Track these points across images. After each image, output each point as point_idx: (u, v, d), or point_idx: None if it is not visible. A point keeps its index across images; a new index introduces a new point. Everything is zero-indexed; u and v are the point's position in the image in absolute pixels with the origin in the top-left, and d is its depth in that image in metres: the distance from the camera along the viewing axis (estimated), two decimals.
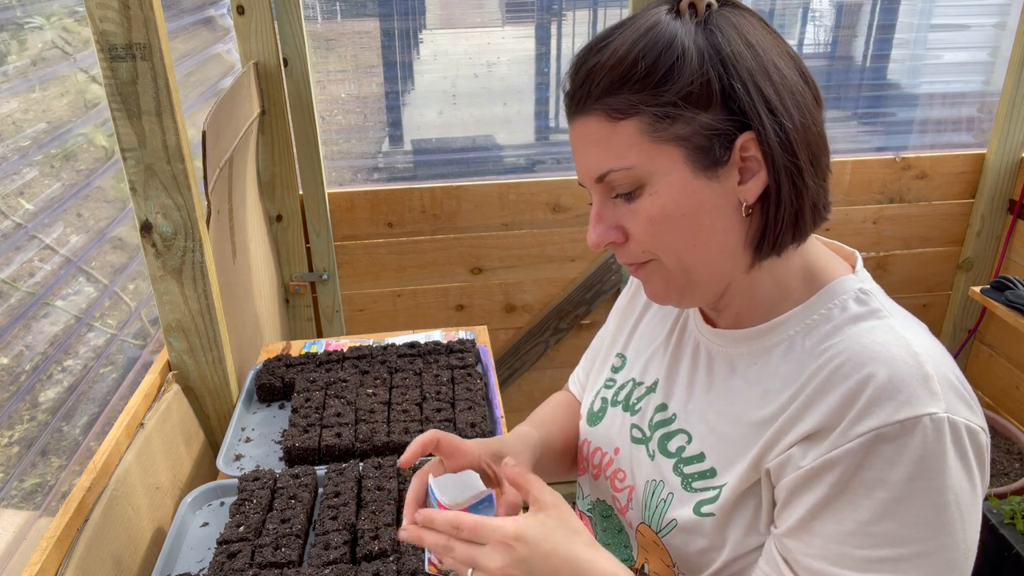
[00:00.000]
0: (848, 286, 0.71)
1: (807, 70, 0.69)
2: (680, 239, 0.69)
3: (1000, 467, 2.17)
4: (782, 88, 0.66)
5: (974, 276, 2.53)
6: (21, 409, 1.08)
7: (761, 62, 0.65)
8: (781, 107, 0.65)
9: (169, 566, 1.10)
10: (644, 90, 0.65)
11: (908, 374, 0.63)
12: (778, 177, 0.66)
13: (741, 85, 0.64)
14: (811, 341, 0.70)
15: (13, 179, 1.13)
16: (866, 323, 0.68)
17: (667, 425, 0.80)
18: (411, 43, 2.27)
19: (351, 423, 1.35)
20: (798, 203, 0.67)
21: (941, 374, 0.64)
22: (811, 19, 2.45)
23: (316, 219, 2.21)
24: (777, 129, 0.65)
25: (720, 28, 0.65)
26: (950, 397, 0.63)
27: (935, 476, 0.61)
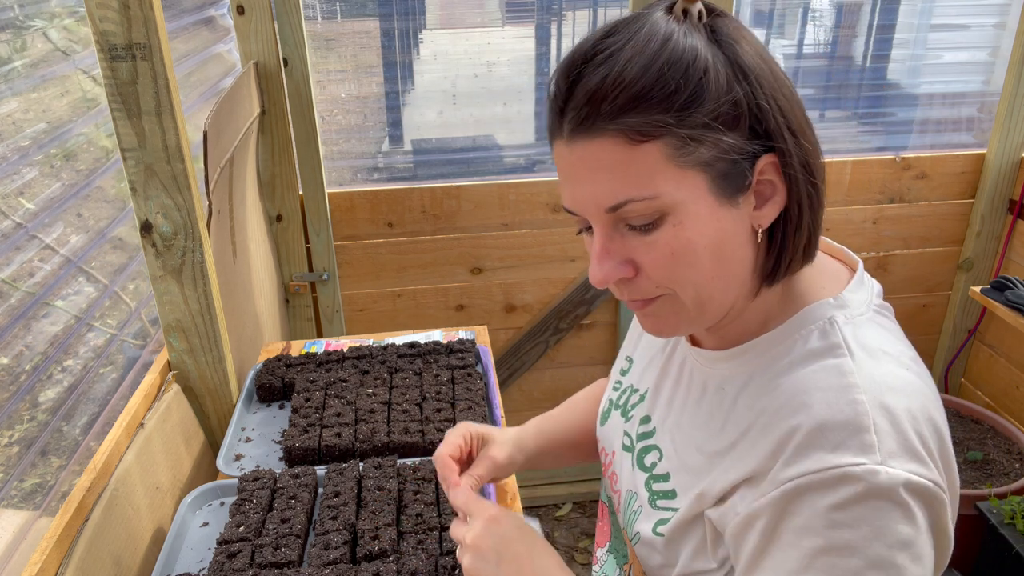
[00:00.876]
0: (820, 314, 0.66)
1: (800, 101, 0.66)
2: (701, 272, 0.63)
3: (1000, 467, 2.18)
4: (796, 105, 0.63)
5: (974, 276, 2.53)
6: (21, 409, 1.08)
7: (780, 77, 0.62)
8: (799, 126, 0.62)
9: (169, 566, 1.10)
10: (671, 110, 0.58)
11: (839, 423, 0.58)
12: (800, 201, 0.63)
13: (768, 103, 0.60)
14: (768, 376, 0.66)
15: (13, 179, 1.13)
16: (817, 363, 0.63)
17: (647, 438, 0.79)
18: (411, 43, 2.27)
19: (351, 423, 1.35)
20: (814, 225, 0.65)
21: (885, 423, 0.58)
22: (811, 19, 2.45)
23: (316, 219, 2.21)
24: (798, 151, 0.61)
25: (733, 39, 0.60)
26: (890, 447, 0.57)
27: (864, 530, 0.56)
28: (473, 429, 0.90)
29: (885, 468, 0.56)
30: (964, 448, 2.27)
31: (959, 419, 2.40)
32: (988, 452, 2.24)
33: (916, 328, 2.66)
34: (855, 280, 0.70)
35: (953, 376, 2.68)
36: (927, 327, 2.66)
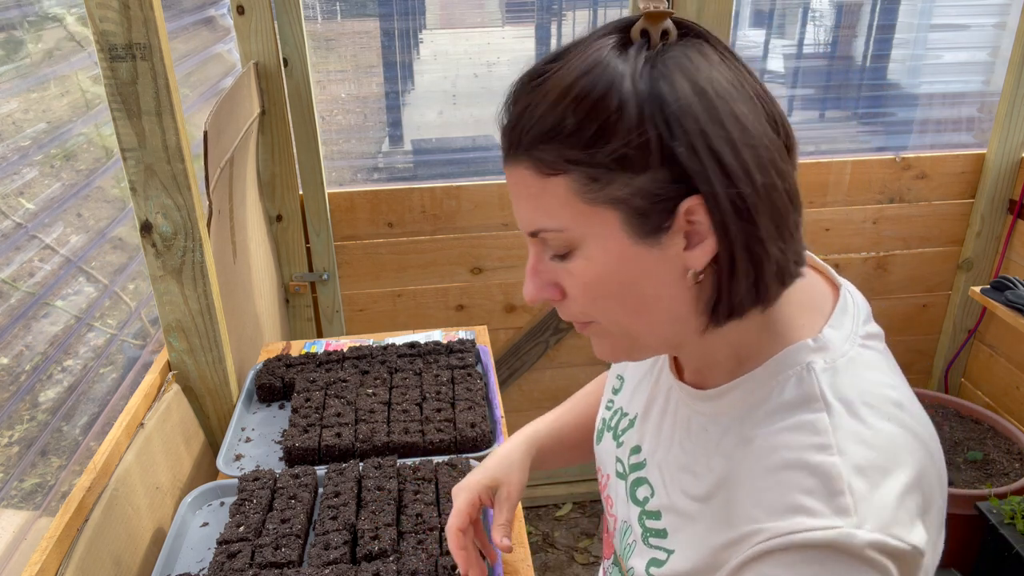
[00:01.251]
0: (798, 358, 0.62)
1: (779, 112, 0.60)
2: (619, 307, 0.62)
3: (1000, 467, 2.18)
4: (742, 144, 0.56)
5: (974, 276, 2.53)
6: (21, 409, 1.08)
7: (716, 114, 0.56)
8: (739, 168, 0.56)
9: (169, 566, 1.10)
10: (576, 146, 0.57)
11: (811, 486, 0.56)
12: (731, 246, 0.58)
13: (686, 147, 0.55)
14: (746, 425, 0.63)
15: (13, 179, 1.14)
16: (792, 418, 0.60)
17: (638, 470, 0.76)
18: (411, 43, 2.27)
19: (351, 423, 1.35)
20: (756, 272, 0.60)
21: (861, 485, 0.56)
22: (811, 19, 2.45)
23: (316, 219, 2.21)
24: (732, 194, 0.56)
25: (669, 72, 0.56)
26: (866, 510, 0.55)
27: None
28: (477, 487, 0.87)
29: (861, 532, 0.54)
30: (964, 448, 2.27)
31: (959, 419, 2.40)
32: (988, 452, 2.24)
33: (916, 328, 2.66)
34: (838, 309, 0.66)
35: (953, 376, 2.68)
36: (927, 327, 2.66)
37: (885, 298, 2.59)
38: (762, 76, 2.50)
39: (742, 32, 2.43)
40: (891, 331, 2.84)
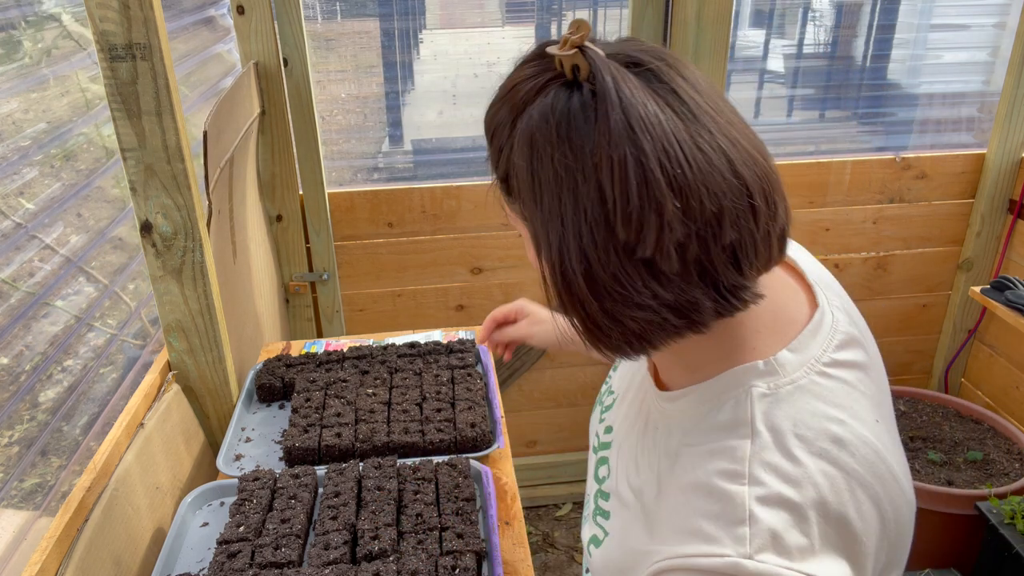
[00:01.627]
0: (741, 380, 0.62)
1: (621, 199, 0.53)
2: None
3: (1000, 467, 2.18)
4: (550, 214, 0.55)
5: (974, 276, 2.53)
6: (21, 409, 1.08)
7: (547, 174, 0.55)
8: (553, 237, 0.56)
9: (169, 566, 1.10)
10: (492, 161, 0.63)
11: (717, 513, 0.57)
12: (563, 303, 0.58)
13: (521, 197, 0.58)
14: (683, 439, 0.64)
15: (13, 179, 1.14)
16: (720, 441, 0.60)
17: (605, 449, 0.79)
18: (411, 43, 2.27)
19: (351, 423, 1.35)
20: (584, 331, 0.59)
21: (765, 516, 0.55)
22: (811, 19, 2.45)
23: (316, 219, 2.21)
24: (545, 260, 0.57)
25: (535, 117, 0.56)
26: (762, 542, 0.55)
27: None
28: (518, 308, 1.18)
29: (750, 563, 0.54)
30: (964, 448, 2.27)
31: (959, 419, 2.40)
32: (988, 452, 2.24)
33: (916, 328, 2.66)
34: (807, 331, 0.64)
35: (953, 376, 2.68)
36: (927, 327, 2.66)
37: (885, 298, 2.59)
38: (762, 76, 2.50)
39: (742, 32, 2.43)
40: (891, 331, 2.84)
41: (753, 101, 2.53)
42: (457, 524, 1.11)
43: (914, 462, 2.22)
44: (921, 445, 2.28)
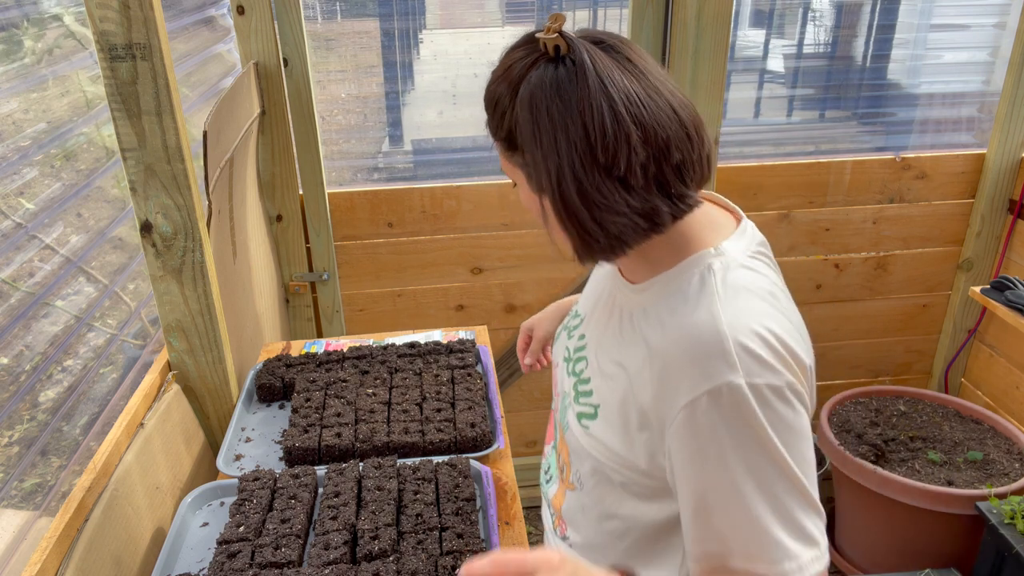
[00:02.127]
0: (701, 261, 0.83)
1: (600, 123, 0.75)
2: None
3: (1000, 467, 2.18)
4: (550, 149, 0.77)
5: (974, 276, 2.53)
6: (21, 409, 1.08)
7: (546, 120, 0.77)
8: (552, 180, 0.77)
9: (169, 566, 1.10)
10: (493, 131, 0.84)
11: (708, 352, 0.76)
12: (558, 218, 0.80)
13: (524, 145, 0.79)
14: (664, 313, 0.83)
15: (13, 179, 1.14)
16: (694, 302, 0.80)
17: (580, 351, 0.98)
18: (411, 43, 2.27)
19: (351, 423, 1.35)
20: (578, 239, 0.80)
21: (743, 344, 0.75)
22: (811, 19, 2.45)
23: (316, 219, 2.21)
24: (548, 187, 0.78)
25: (528, 87, 0.78)
26: (749, 365, 0.75)
27: (751, 430, 0.74)
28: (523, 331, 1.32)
29: (747, 380, 0.74)
30: (964, 448, 2.27)
31: (959, 419, 2.40)
32: (988, 452, 2.24)
33: (916, 328, 2.66)
34: (737, 233, 0.87)
35: (953, 376, 2.68)
36: (927, 327, 2.66)
37: (885, 298, 2.59)
38: (762, 76, 2.50)
39: (742, 32, 2.43)
40: (891, 331, 2.84)
41: (753, 101, 2.53)
42: (457, 524, 1.11)
43: (914, 462, 2.22)
44: (921, 445, 2.28)
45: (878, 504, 2.16)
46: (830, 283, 2.54)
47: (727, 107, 2.43)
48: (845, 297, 2.57)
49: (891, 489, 2.10)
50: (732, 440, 0.75)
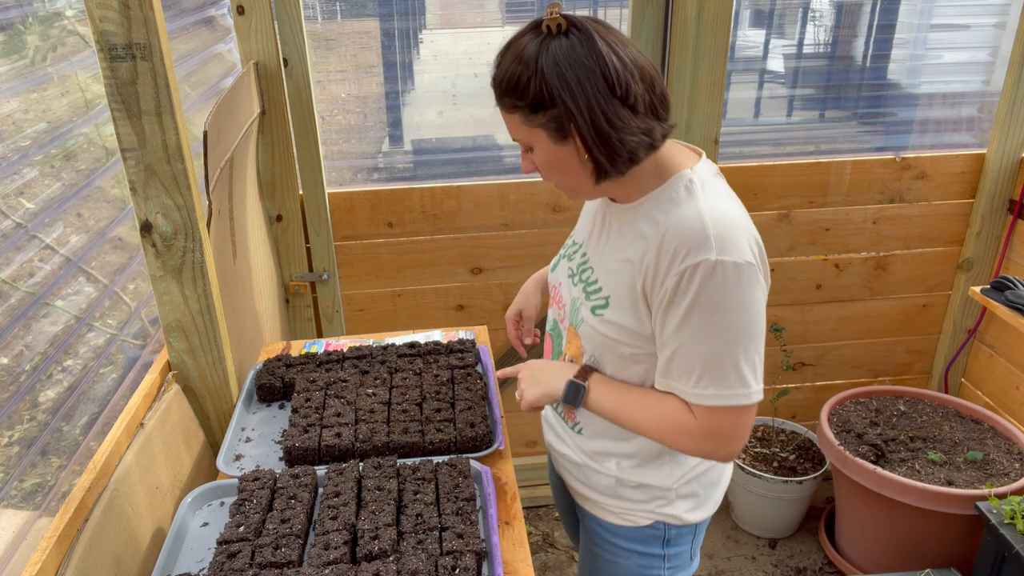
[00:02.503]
0: (684, 178, 1.10)
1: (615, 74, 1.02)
2: (557, 173, 1.12)
3: (1000, 467, 2.18)
4: (580, 99, 1.02)
5: (974, 276, 2.53)
6: (21, 409, 1.08)
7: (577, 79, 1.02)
8: (584, 114, 1.03)
9: (169, 566, 1.10)
10: (516, 98, 1.06)
11: (695, 236, 1.03)
12: (589, 145, 1.05)
13: (559, 98, 1.02)
14: (658, 213, 1.10)
15: (13, 179, 1.14)
16: (684, 204, 1.08)
17: (585, 264, 1.23)
18: (411, 43, 2.27)
19: (351, 423, 1.35)
20: (606, 157, 1.05)
21: (720, 232, 1.03)
22: (811, 19, 2.45)
23: (316, 219, 2.21)
24: (583, 123, 1.03)
25: (550, 55, 1.02)
26: (725, 245, 1.02)
27: (721, 295, 1.02)
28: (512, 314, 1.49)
29: (720, 257, 1.02)
30: (964, 448, 2.27)
31: (959, 419, 2.40)
32: (988, 452, 2.24)
33: (916, 328, 2.66)
34: (701, 162, 1.14)
35: (953, 376, 2.68)
36: (927, 327, 2.66)
37: (885, 298, 2.59)
38: (762, 76, 2.50)
39: (742, 32, 2.43)
40: (891, 331, 2.84)
41: (753, 101, 2.53)
42: (457, 524, 1.11)
43: (914, 462, 2.22)
44: (921, 445, 2.28)
45: (878, 504, 2.16)
46: (830, 283, 2.54)
47: (727, 107, 2.43)
48: (845, 297, 2.57)
49: (891, 489, 2.10)
50: (710, 299, 1.03)
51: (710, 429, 1.08)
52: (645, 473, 1.23)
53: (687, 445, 1.10)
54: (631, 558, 1.28)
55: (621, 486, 1.25)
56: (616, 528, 1.28)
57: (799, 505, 2.48)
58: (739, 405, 1.06)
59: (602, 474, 1.26)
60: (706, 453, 1.11)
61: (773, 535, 2.55)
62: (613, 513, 1.28)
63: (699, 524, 1.28)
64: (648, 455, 1.22)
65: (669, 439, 1.12)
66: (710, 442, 1.08)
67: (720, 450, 1.09)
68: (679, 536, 1.27)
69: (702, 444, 1.09)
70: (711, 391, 1.06)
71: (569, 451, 1.31)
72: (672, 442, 1.12)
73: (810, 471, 2.45)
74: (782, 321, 2.55)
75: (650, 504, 1.24)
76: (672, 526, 1.25)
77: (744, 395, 1.06)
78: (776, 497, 2.44)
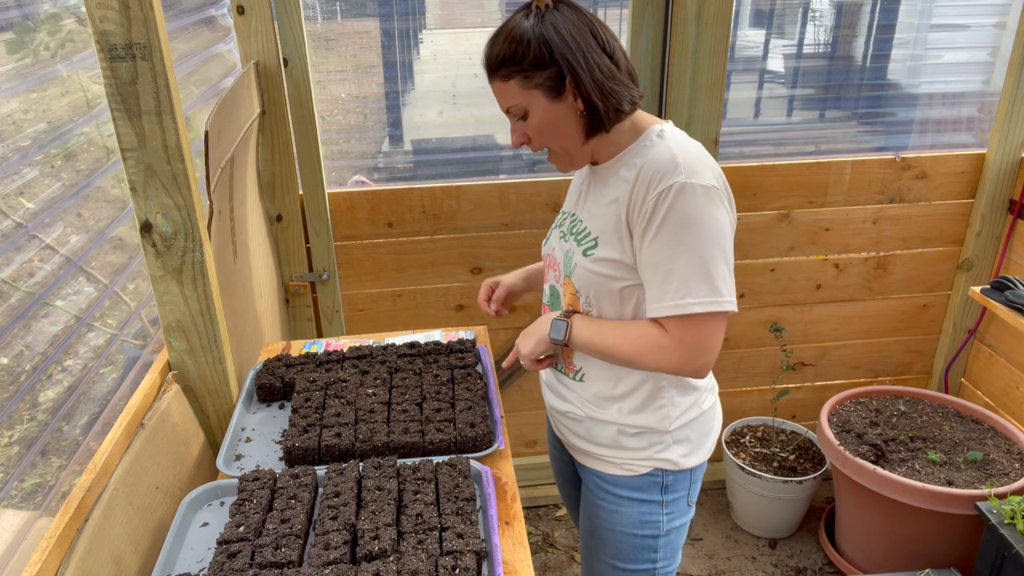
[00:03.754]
0: (656, 130, 1.26)
1: (603, 36, 1.19)
2: (553, 135, 1.24)
3: (1000, 467, 2.18)
4: (578, 52, 1.16)
5: (974, 276, 2.53)
6: (21, 409, 1.08)
7: (572, 37, 1.17)
8: (582, 63, 1.17)
9: (169, 566, 1.10)
10: (514, 64, 1.18)
11: (667, 165, 1.17)
12: (590, 97, 1.18)
13: (559, 54, 1.16)
14: (634, 158, 1.24)
15: (13, 179, 1.14)
16: (655, 147, 1.22)
17: (575, 221, 1.34)
18: (411, 43, 2.27)
19: (351, 423, 1.35)
20: (601, 102, 1.19)
21: (688, 162, 1.17)
22: (811, 19, 2.45)
23: (316, 219, 2.21)
24: (585, 75, 1.17)
25: (547, 23, 1.17)
26: (693, 172, 1.16)
27: (690, 211, 1.15)
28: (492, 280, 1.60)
29: (688, 180, 1.15)
30: (964, 448, 2.27)
31: (959, 419, 2.40)
32: (988, 452, 2.24)
33: (916, 328, 2.66)
34: (668, 123, 1.29)
35: (953, 376, 2.68)
36: (927, 327, 2.66)
37: (885, 298, 2.59)
38: (762, 76, 2.50)
39: (742, 32, 2.43)
40: (891, 331, 2.84)
41: (753, 101, 2.53)
42: (457, 524, 1.11)
43: (914, 462, 2.22)
44: (921, 445, 2.28)
45: (878, 504, 2.16)
46: (830, 283, 2.54)
47: (727, 107, 2.43)
48: (845, 297, 2.57)
49: (891, 489, 2.10)
50: (681, 215, 1.15)
51: (683, 339, 1.18)
52: (643, 416, 1.31)
53: (662, 360, 1.20)
54: (632, 506, 1.36)
55: (622, 435, 1.33)
56: (617, 479, 1.35)
57: (799, 505, 2.48)
58: (712, 312, 1.16)
59: (604, 423, 1.34)
60: (680, 365, 1.20)
61: (773, 535, 2.55)
62: (614, 464, 1.35)
63: (694, 470, 1.37)
64: (645, 396, 1.31)
65: (647, 358, 1.21)
66: (684, 352, 1.18)
67: (695, 360, 1.19)
68: (676, 482, 1.35)
69: (676, 356, 1.19)
70: (687, 300, 1.16)
71: (571, 407, 1.38)
72: (649, 360, 1.21)
73: (810, 471, 2.45)
74: (782, 321, 2.55)
75: (648, 450, 1.32)
76: (669, 472, 1.34)
77: (716, 303, 1.16)
78: (776, 497, 2.44)
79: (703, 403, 1.36)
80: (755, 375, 2.67)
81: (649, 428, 1.32)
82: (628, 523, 1.37)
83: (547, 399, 1.46)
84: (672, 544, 1.41)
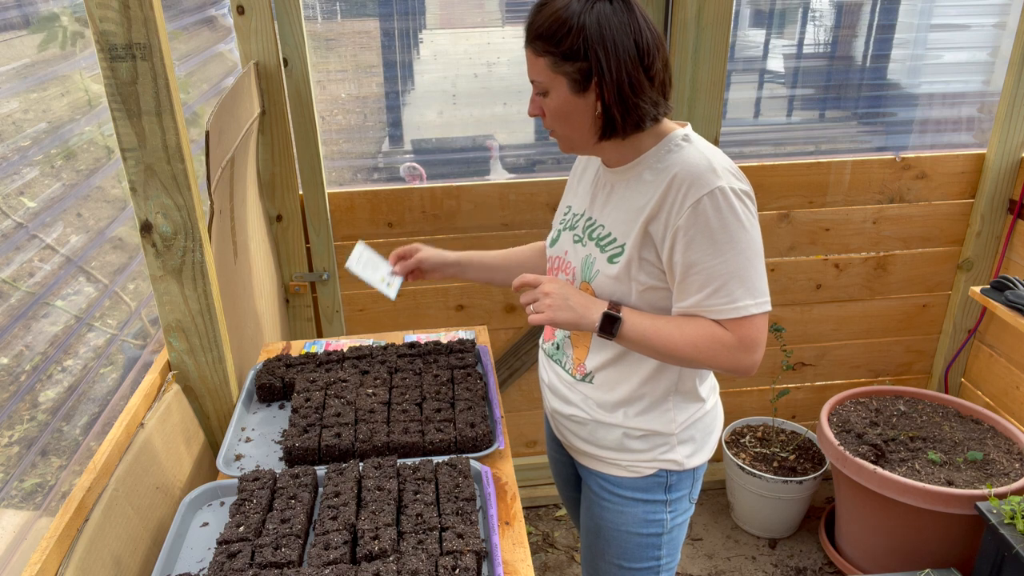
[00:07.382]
0: (678, 134, 1.25)
1: (645, 47, 1.16)
2: (564, 123, 1.23)
3: (1000, 467, 2.18)
4: (613, 59, 1.14)
5: (974, 276, 2.53)
6: (21, 409, 1.08)
7: (613, 40, 1.14)
8: (612, 71, 1.15)
9: (169, 566, 1.10)
10: (550, 44, 1.17)
11: (702, 170, 1.17)
12: (611, 102, 1.17)
13: (593, 53, 1.14)
14: (661, 164, 1.23)
15: (13, 179, 1.14)
16: (684, 151, 1.22)
17: (591, 225, 1.33)
18: (411, 43, 2.27)
19: (351, 423, 1.35)
20: (620, 116, 1.18)
21: (722, 167, 1.18)
22: (811, 19, 2.45)
23: (316, 219, 2.21)
24: (611, 77, 1.15)
25: (594, 13, 1.14)
26: (727, 178, 1.17)
27: (734, 216, 1.16)
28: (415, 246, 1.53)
29: (729, 184, 1.17)
30: (964, 448, 2.27)
31: (959, 419, 2.40)
32: (988, 452, 2.24)
33: (916, 328, 2.66)
34: (688, 127, 1.28)
35: (953, 376, 2.68)
36: (927, 327, 2.66)
37: (885, 298, 2.59)
38: (762, 76, 2.50)
39: (742, 32, 2.43)
40: (891, 331, 2.84)
41: (753, 101, 2.53)
42: (457, 524, 1.11)
43: (914, 462, 2.22)
44: (921, 445, 2.28)
45: (878, 504, 2.16)
46: (830, 283, 2.54)
47: (727, 107, 2.43)
48: (845, 297, 2.57)
49: (891, 489, 2.10)
50: (731, 221, 1.16)
51: (743, 338, 1.19)
52: (650, 419, 1.31)
53: (722, 358, 1.20)
54: (636, 506, 1.37)
55: (627, 438, 1.33)
56: (621, 480, 1.36)
57: (799, 505, 2.48)
58: (764, 312, 1.20)
59: (609, 426, 1.33)
60: (738, 362, 1.20)
61: (773, 535, 2.55)
62: (619, 466, 1.35)
63: (696, 469, 1.38)
64: (655, 398, 1.31)
65: (704, 355, 1.20)
66: (743, 351, 1.19)
67: (750, 357, 1.20)
68: (679, 481, 1.36)
69: (737, 354, 1.19)
70: (745, 302, 1.17)
71: (576, 410, 1.37)
72: (706, 357, 1.20)
73: (810, 471, 2.45)
74: (782, 321, 2.55)
75: (653, 452, 1.33)
76: (673, 472, 1.35)
77: (766, 302, 1.20)
78: (776, 497, 2.44)
79: (707, 404, 1.37)
80: (755, 375, 2.67)
81: (655, 431, 1.32)
82: (633, 523, 1.37)
83: (549, 402, 1.44)
84: (675, 541, 1.42)
